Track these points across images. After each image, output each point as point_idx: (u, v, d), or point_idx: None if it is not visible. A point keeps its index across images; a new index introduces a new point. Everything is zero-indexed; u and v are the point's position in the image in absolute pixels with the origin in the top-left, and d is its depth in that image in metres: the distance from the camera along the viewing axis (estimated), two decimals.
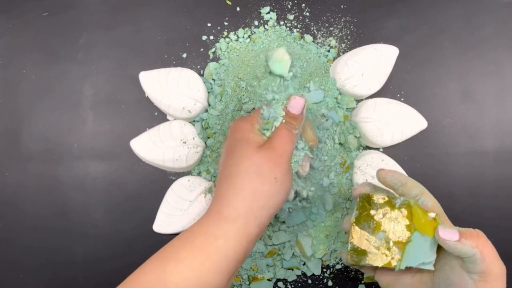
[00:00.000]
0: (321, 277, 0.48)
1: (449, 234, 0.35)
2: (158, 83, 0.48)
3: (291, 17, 0.53)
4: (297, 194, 0.43)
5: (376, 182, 0.42)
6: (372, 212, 0.37)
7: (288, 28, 0.52)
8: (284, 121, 0.38)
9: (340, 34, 0.53)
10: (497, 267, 0.35)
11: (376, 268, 0.40)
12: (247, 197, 0.35)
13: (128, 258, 0.48)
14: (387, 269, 0.39)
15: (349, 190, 0.49)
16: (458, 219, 0.49)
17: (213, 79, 0.51)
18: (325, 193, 0.48)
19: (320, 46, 0.52)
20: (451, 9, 0.53)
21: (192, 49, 0.52)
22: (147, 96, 0.49)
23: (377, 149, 0.50)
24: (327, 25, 0.53)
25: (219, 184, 0.37)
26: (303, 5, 0.53)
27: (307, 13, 0.53)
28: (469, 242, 0.35)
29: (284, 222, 0.48)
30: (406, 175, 0.40)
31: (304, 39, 0.52)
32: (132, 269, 0.34)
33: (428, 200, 0.38)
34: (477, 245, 0.35)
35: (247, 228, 0.34)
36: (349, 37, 0.53)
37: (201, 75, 0.51)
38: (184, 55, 0.52)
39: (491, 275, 0.34)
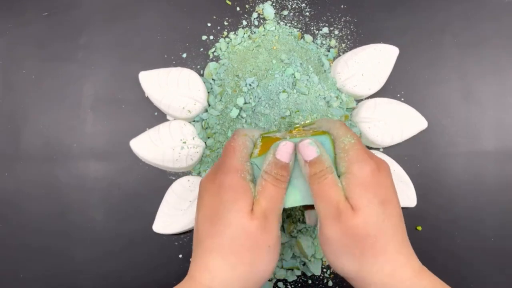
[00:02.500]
0: (321, 277, 0.48)
1: (307, 150, 0.32)
2: (158, 83, 0.48)
3: (291, 16, 0.53)
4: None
5: None
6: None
7: (288, 28, 0.52)
8: (273, 173, 0.33)
9: (340, 34, 0.53)
10: (323, 208, 0.31)
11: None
12: (241, 273, 0.31)
13: (128, 258, 0.48)
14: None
15: None
16: (458, 219, 0.49)
17: (213, 79, 0.51)
18: None
19: (320, 46, 0.52)
20: (451, 9, 0.53)
21: (192, 49, 0.52)
22: (147, 96, 0.49)
23: (377, 149, 0.50)
24: (327, 25, 0.53)
25: (205, 253, 0.32)
26: (303, 5, 0.53)
27: (307, 13, 0.53)
28: (307, 169, 0.32)
29: (282, 226, 0.48)
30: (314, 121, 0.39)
31: (304, 39, 0.52)
32: (131, 269, 0.34)
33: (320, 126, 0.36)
34: (309, 177, 0.32)
35: None
36: (349, 37, 0.53)
37: (201, 75, 0.51)
38: (184, 55, 0.52)
39: (320, 217, 0.32)
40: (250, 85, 0.48)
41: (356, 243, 0.31)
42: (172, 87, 0.48)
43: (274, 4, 0.53)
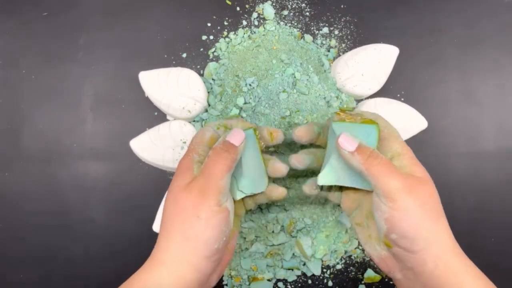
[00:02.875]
0: (321, 277, 0.48)
1: (347, 142, 0.34)
2: (158, 83, 0.48)
3: (291, 16, 0.53)
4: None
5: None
6: None
7: (288, 28, 0.52)
8: (219, 146, 0.35)
9: (340, 34, 0.53)
10: (393, 183, 0.32)
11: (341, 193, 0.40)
12: (176, 242, 0.33)
13: (128, 258, 0.48)
14: (351, 191, 0.39)
15: None
16: (458, 219, 0.49)
17: (213, 79, 0.51)
18: None
19: (320, 46, 0.52)
20: (451, 9, 0.53)
21: (192, 49, 0.52)
22: (147, 96, 0.49)
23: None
24: (327, 25, 0.53)
25: (159, 232, 0.35)
26: (303, 5, 0.53)
27: (307, 13, 0.53)
28: (358, 156, 0.33)
29: (283, 225, 0.48)
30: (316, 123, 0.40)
31: (304, 39, 0.52)
32: (131, 269, 0.34)
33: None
34: (364, 162, 0.33)
35: (182, 273, 0.32)
36: (349, 37, 0.53)
37: (201, 75, 0.51)
38: (184, 55, 0.52)
39: (390, 193, 0.32)
40: (250, 85, 0.48)
41: (434, 206, 0.33)
42: (172, 87, 0.48)
43: (274, 4, 0.53)
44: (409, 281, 0.34)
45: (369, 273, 0.48)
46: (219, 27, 0.52)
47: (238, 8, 0.53)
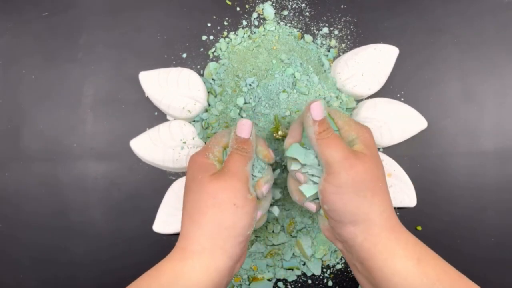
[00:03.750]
0: (321, 277, 0.48)
1: (316, 111, 0.36)
2: (158, 83, 0.48)
3: (291, 17, 0.53)
4: None
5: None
6: None
7: (288, 28, 0.52)
8: (235, 147, 0.37)
9: (340, 34, 0.53)
10: (333, 155, 0.34)
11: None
12: (210, 231, 0.33)
13: (128, 258, 0.48)
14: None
15: None
16: (458, 219, 0.49)
17: (213, 79, 0.51)
18: None
19: (320, 46, 0.52)
20: (451, 9, 0.53)
21: (192, 49, 0.52)
22: (147, 96, 0.49)
23: (377, 149, 0.50)
24: (327, 25, 0.53)
25: (182, 222, 0.35)
26: (303, 5, 0.53)
27: (307, 13, 0.53)
28: (316, 127, 0.36)
29: (283, 225, 0.48)
30: (298, 118, 0.40)
31: (304, 39, 0.52)
32: (131, 269, 0.34)
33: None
34: (318, 134, 0.36)
35: (215, 262, 0.33)
36: (349, 37, 0.53)
37: (201, 75, 0.51)
38: (184, 55, 0.52)
39: (329, 165, 0.34)
40: (250, 85, 0.48)
41: (369, 184, 0.34)
42: (172, 87, 0.48)
43: (274, 4, 0.53)
44: (348, 254, 0.36)
45: None
46: (219, 27, 0.52)
47: (238, 8, 0.53)
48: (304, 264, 0.48)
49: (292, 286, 0.48)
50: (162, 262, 0.34)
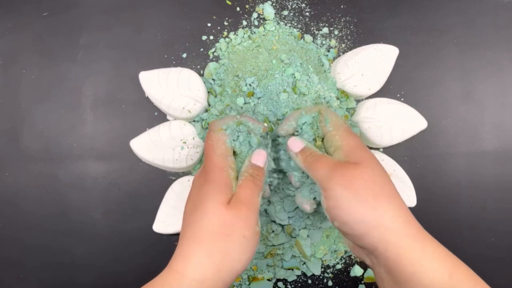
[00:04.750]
0: (321, 277, 0.48)
1: (293, 145, 0.38)
2: (158, 83, 0.48)
3: (291, 17, 0.53)
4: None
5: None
6: None
7: (288, 28, 0.52)
8: (250, 172, 0.37)
9: (340, 34, 0.53)
10: (321, 172, 0.34)
11: None
12: (215, 260, 0.32)
13: (128, 258, 0.48)
14: None
15: None
16: (458, 219, 0.49)
17: (213, 79, 0.51)
18: None
19: (320, 46, 0.52)
20: (451, 9, 0.53)
21: (192, 49, 0.52)
22: (147, 96, 0.49)
23: (377, 149, 0.50)
24: (327, 25, 0.53)
25: (183, 241, 0.33)
26: (303, 5, 0.53)
27: (307, 13, 0.53)
28: (300, 157, 0.37)
29: (283, 226, 0.48)
30: (294, 112, 0.41)
31: (304, 39, 0.52)
32: (131, 269, 0.34)
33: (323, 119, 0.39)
34: (303, 161, 0.37)
35: None
36: (349, 37, 0.53)
37: (201, 75, 0.51)
38: (184, 55, 0.52)
39: (321, 183, 0.34)
40: (250, 85, 0.48)
41: (367, 189, 0.32)
42: (172, 87, 0.48)
43: (274, 4, 0.53)
44: (375, 265, 0.34)
45: (369, 273, 0.48)
46: (219, 27, 0.52)
47: (238, 8, 0.53)
48: (304, 264, 0.48)
49: (292, 286, 0.48)
50: (154, 283, 0.32)
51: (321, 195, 0.35)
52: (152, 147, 0.48)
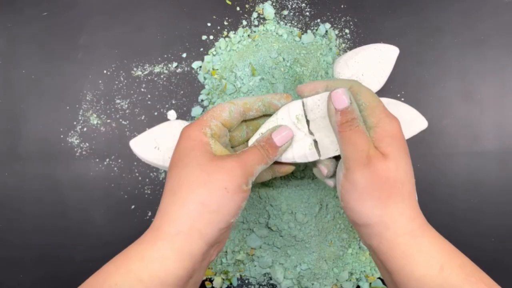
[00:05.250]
0: None
1: (338, 99, 0.33)
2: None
3: (291, 16, 0.53)
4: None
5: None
6: None
7: (288, 28, 0.52)
8: (262, 144, 0.35)
9: (340, 34, 0.53)
10: (351, 151, 0.32)
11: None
12: (191, 211, 0.31)
13: None
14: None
15: None
16: (459, 219, 0.49)
17: (208, 75, 0.51)
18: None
19: (320, 46, 0.52)
20: (451, 9, 0.53)
21: (192, 49, 0.52)
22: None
23: None
24: (327, 24, 0.53)
25: (163, 198, 0.33)
26: (303, 5, 0.53)
27: (307, 13, 0.53)
28: (339, 117, 0.33)
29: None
30: (325, 80, 0.37)
31: (304, 39, 0.52)
32: None
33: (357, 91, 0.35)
34: (340, 124, 0.33)
35: (189, 246, 0.31)
36: (349, 37, 0.53)
37: (199, 72, 0.51)
38: (184, 55, 0.52)
39: (346, 160, 0.32)
40: (249, 84, 0.48)
41: (385, 186, 0.31)
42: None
43: (274, 4, 0.53)
44: (371, 251, 0.35)
45: (377, 283, 0.48)
46: (219, 27, 0.52)
47: (238, 8, 0.53)
48: None
49: None
50: (132, 245, 0.32)
51: (341, 167, 0.34)
52: (152, 147, 0.48)
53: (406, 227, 0.32)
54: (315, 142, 0.36)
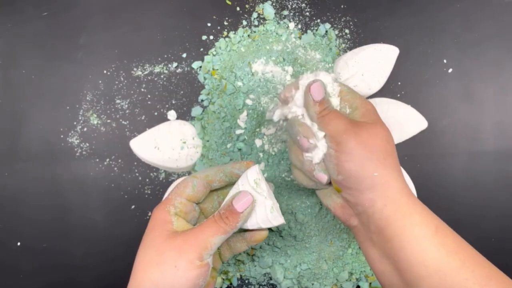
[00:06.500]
0: None
1: (316, 92, 0.36)
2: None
3: (291, 16, 0.53)
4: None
5: None
6: None
7: (287, 28, 0.52)
8: (221, 212, 0.34)
9: (340, 34, 0.53)
10: (338, 126, 0.35)
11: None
12: (150, 283, 0.32)
13: (128, 258, 0.48)
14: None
15: None
16: (458, 219, 0.49)
17: (208, 74, 0.51)
18: None
19: (320, 46, 0.52)
20: (451, 9, 0.53)
21: (192, 49, 0.52)
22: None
23: None
24: (327, 24, 0.53)
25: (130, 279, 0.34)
26: (303, 5, 0.53)
27: (307, 13, 0.53)
28: (317, 107, 0.36)
29: None
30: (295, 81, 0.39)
31: (304, 39, 0.52)
32: (131, 269, 0.34)
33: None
34: (319, 113, 0.36)
35: None
36: (349, 37, 0.53)
37: (199, 72, 0.51)
38: (184, 55, 0.52)
39: (335, 136, 0.34)
40: (249, 84, 0.48)
41: (381, 148, 0.34)
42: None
43: (274, 4, 0.53)
44: (364, 226, 0.35)
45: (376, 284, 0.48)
46: (219, 27, 0.52)
47: (238, 8, 0.53)
48: None
49: None
50: None
51: (329, 149, 0.35)
52: (152, 147, 0.48)
53: (405, 188, 0.34)
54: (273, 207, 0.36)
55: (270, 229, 0.48)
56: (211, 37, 0.52)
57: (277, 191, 0.47)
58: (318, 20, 0.53)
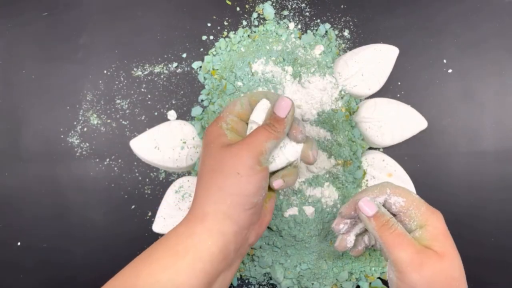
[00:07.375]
0: None
1: (366, 207, 0.35)
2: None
3: (291, 16, 0.53)
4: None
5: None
6: None
7: (287, 28, 0.52)
8: (267, 122, 0.36)
9: (340, 34, 0.53)
10: (402, 255, 0.33)
11: None
12: (212, 195, 0.34)
13: (128, 258, 0.48)
14: None
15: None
16: (458, 219, 0.49)
17: (208, 75, 0.51)
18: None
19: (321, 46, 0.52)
20: (451, 8, 0.53)
21: (192, 49, 0.52)
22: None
23: (377, 149, 0.50)
24: (327, 25, 0.53)
25: (195, 192, 0.36)
26: (303, 5, 0.53)
27: (307, 13, 0.53)
28: (374, 223, 0.35)
29: None
30: (361, 192, 0.38)
31: (304, 39, 0.52)
32: None
33: (396, 196, 0.37)
34: (378, 229, 0.35)
35: (219, 226, 0.33)
36: (349, 37, 0.53)
37: (199, 72, 0.51)
38: (184, 55, 0.52)
39: (398, 265, 0.33)
40: (249, 84, 0.48)
41: (442, 284, 0.33)
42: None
43: (274, 4, 0.53)
44: None
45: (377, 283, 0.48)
46: (219, 27, 0.52)
47: (238, 8, 0.53)
48: None
49: None
50: (172, 229, 0.35)
51: (391, 269, 0.35)
52: (152, 147, 0.48)
53: None
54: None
55: (270, 229, 0.48)
56: (211, 37, 0.52)
57: (277, 191, 0.47)
58: (318, 20, 0.53)
